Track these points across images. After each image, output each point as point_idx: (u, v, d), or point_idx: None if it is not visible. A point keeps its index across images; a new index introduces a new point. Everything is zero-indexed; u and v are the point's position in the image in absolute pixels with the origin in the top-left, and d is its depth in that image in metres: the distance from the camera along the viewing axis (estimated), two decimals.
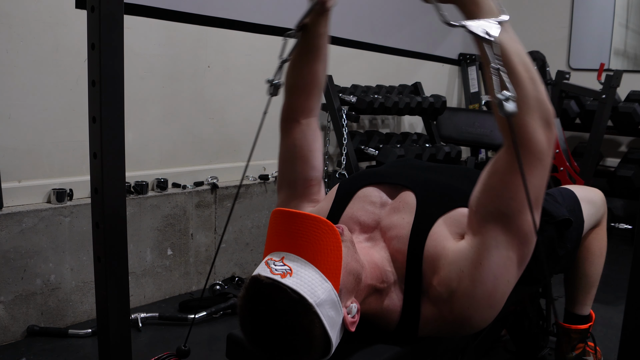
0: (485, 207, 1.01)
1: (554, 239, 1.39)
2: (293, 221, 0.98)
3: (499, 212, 0.99)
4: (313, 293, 0.92)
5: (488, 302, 1.02)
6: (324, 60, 1.32)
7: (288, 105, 1.34)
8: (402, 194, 1.18)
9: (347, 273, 0.99)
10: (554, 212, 1.39)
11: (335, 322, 0.96)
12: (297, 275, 0.93)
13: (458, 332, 1.08)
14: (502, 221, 0.99)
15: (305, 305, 0.92)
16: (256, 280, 0.95)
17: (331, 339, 0.95)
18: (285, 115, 1.34)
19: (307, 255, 0.96)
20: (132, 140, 2.25)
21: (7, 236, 1.88)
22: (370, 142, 3.08)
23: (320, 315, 0.93)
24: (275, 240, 1.01)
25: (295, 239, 0.97)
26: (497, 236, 0.99)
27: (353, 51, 3.28)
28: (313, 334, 0.93)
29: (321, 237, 0.96)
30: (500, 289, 1.02)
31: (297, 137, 1.31)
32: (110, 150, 1.09)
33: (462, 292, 1.01)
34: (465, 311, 1.02)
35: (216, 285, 2.45)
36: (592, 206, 1.55)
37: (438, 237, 1.07)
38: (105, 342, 1.14)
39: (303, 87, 1.33)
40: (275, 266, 0.95)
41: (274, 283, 0.93)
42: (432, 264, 1.05)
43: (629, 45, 4.17)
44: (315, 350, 0.95)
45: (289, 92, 1.33)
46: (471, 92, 4.14)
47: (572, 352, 1.68)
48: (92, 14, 1.04)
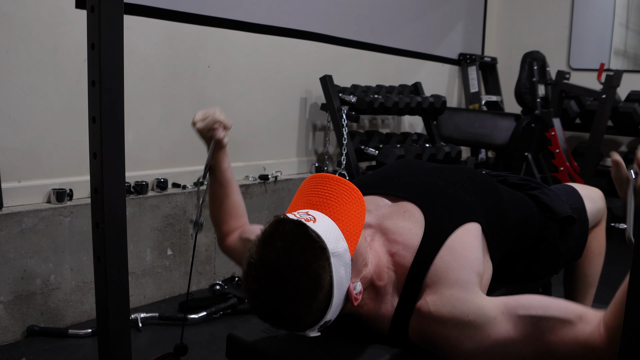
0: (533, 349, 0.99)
1: (556, 236, 1.39)
2: (324, 182, 1.03)
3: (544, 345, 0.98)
4: (331, 242, 0.94)
5: (469, 357, 1.02)
6: (236, 188, 1.43)
7: (221, 233, 1.44)
8: (406, 204, 1.18)
9: (359, 253, 1.00)
10: (557, 209, 1.39)
11: (342, 283, 0.95)
12: (320, 223, 0.95)
13: (437, 351, 1.08)
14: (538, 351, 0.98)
15: (322, 249, 0.93)
16: (279, 219, 0.96)
17: (333, 297, 0.94)
18: (224, 239, 1.44)
19: (331, 213, 0.99)
20: (132, 140, 2.25)
21: (7, 236, 1.88)
22: (370, 142, 3.08)
23: (332, 266, 0.93)
24: (302, 200, 1.04)
25: (322, 198, 1.01)
26: (524, 348, 0.98)
27: (353, 51, 3.29)
28: (320, 281, 0.92)
29: (347, 200, 1.00)
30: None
31: (238, 245, 1.39)
32: (110, 150, 1.08)
33: (454, 331, 1.01)
34: (445, 344, 1.03)
35: (216, 285, 2.45)
36: (593, 205, 1.56)
37: (449, 265, 1.06)
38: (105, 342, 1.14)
39: (228, 215, 1.43)
40: (300, 214, 0.98)
41: (298, 221, 0.94)
42: (434, 285, 1.05)
43: (629, 45, 4.17)
44: (316, 302, 0.93)
45: (217, 223, 1.44)
46: (471, 92, 4.15)
47: None
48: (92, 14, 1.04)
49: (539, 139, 3.48)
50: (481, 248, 1.12)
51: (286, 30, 2.87)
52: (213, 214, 1.44)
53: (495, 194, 1.31)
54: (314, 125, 3.10)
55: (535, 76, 3.57)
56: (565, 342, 0.96)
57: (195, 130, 1.36)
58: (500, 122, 3.53)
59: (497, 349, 1.00)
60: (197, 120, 1.35)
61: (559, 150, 3.38)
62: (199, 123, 1.34)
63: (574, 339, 0.95)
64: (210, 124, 1.34)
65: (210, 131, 1.34)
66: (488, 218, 1.19)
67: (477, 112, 3.85)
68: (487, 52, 4.59)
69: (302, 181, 1.06)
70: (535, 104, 3.53)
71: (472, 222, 1.14)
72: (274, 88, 2.87)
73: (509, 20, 4.62)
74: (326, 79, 2.89)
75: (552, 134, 3.39)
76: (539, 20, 4.40)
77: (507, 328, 0.99)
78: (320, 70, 2.99)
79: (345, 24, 3.23)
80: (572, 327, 0.96)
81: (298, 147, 3.04)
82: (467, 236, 1.11)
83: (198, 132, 1.36)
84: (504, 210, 1.28)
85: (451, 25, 4.17)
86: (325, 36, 3.09)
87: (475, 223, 1.14)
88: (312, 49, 3.02)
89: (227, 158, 1.40)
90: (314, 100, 3.07)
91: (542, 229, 1.39)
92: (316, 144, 3.14)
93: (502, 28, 4.65)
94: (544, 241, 1.39)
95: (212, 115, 1.34)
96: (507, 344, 0.99)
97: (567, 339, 0.95)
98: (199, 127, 1.35)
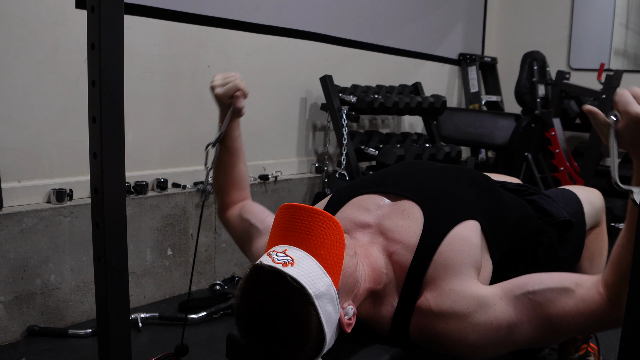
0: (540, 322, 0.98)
1: (554, 241, 1.39)
2: (298, 215, 0.99)
3: (549, 323, 0.98)
4: (313, 284, 0.92)
5: (474, 349, 1.02)
6: (243, 157, 1.40)
7: (222, 203, 1.42)
8: (405, 202, 1.17)
9: (347, 275, 0.99)
10: (554, 213, 1.39)
11: (331, 319, 0.95)
12: (298, 266, 0.93)
13: (442, 350, 1.07)
14: (544, 327, 0.98)
15: (304, 295, 0.91)
16: (257, 268, 0.94)
17: (326, 335, 0.94)
18: (224, 210, 1.42)
19: (309, 248, 0.96)
20: (132, 140, 2.25)
21: (7, 236, 1.88)
22: (370, 142, 3.08)
23: (318, 308, 0.92)
24: (279, 234, 1.01)
25: (298, 233, 0.98)
26: (529, 326, 0.98)
27: (353, 51, 3.29)
28: (309, 326, 0.92)
29: (324, 232, 0.97)
30: (492, 349, 1.02)
31: (238, 225, 1.37)
32: (110, 150, 1.08)
33: (456, 326, 1.01)
34: (448, 341, 1.02)
35: (216, 285, 2.45)
36: (592, 208, 1.56)
37: (448, 261, 1.06)
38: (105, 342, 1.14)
39: (232, 185, 1.40)
40: (278, 256, 0.95)
41: (275, 270, 0.92)
42: (434, 282, 1.05)
43: (629, 45, 4.17)
44: (309, 345, 0.94)
45: (220, 192, 1.41)
46: (471, 92, 4.14)
47: (576, 353, 1.68)
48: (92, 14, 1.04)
49: (539, 139, 3.48)
50: (480, 245, 1.12)
51: (286, 30, 2.87)
52: (217, 183, 1.40)
53: (495, 195, 1.30)
54: (314, 125, 3.10)
55: (535, 76, 3.57)
56: (567, 311, 0.95)
57: (214, 95, 1.28)
58: (500, 122, 3.53)
59: (502, 336, 0.99)
60: (216, 84, 1.27)
61: (559, 150, 3.38)
62: (219, 88, 1.27)
63: (574, 306, 0.95)
64: (231, 91, 1.27)
65: (230, 98, 1.28)
66: (488, 217, 1.19)
67: (477, 112, 3.85)
68: (487, 52, 4.59)
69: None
70: (535, 104, 3.53)
71: (471, 219, 1.13)
72: (274, 88, 2.87)
73: (509, 20, 4.62)
74: (326, 79, 2.89)
75: (552, 134, 3.40)
76: (539, 20, 4.39)
77: (508, 312, 0.98)
78: (320, 70, 2.99)
79: (345, 24, 3.23)
80: (571, 294, 0.95)
81: (298, 147, 3.04)
82: (466, 232, 1.10)
83: (216, 98, 1.29)
84: (504, 210, 1.28)
85: (451, 25, 4.17)
86: (325, 36, 3.09)
87: (474, 221, 1.14)
88: (312, 49, 3.02)
89: (239, 127, 1.34)
90: (314, 100, 3.07)
91: (540, 232, 1.38)
92: (316, 144, 3.14)
93: (502, 28, 4.65)
94: (542, 245, 1.38)
95: (234, 82, 1.27)
96: (512, 328, 0.98)
97: (568, 307, 0.94)
98: (219, 93, 1.27)
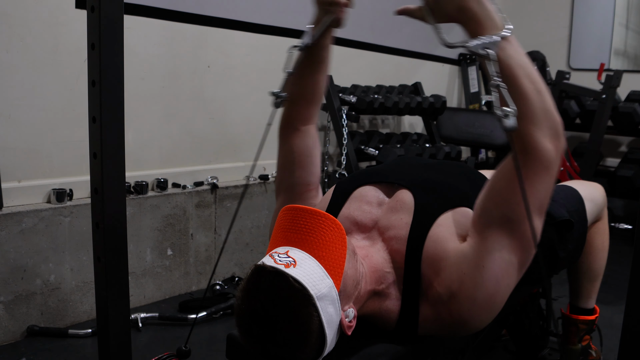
0: (491, 211, 1.01)
1: (554, 240, 1.39)
2: (300, 217, 0.99)
3: (504, 216, 0.99)
4: (314, 285, 0.92)
5: (488, 305, 1.02)
6: (326, 70, 1.33)
7: (289, 114, 1.34)
8: (400, 193, 1.17)
9: (348, 277, 0.99)
10: (554, 213, 1.38)
11: (332, 321, 0.95)
12: (300, 267, 0.93)
13: (456, 333, 1.08)
14: (506, 226, 0.99)
15: (305, 296, 0.91)
16: (259, 268, 0.94)
17: (327, 337, 0.94)
18: (286, 122, 1.35)
19: (311, 250, 0.96)
20: (132, 140, 2.25)
21: (7, 236, 1.88)
22: (370, 142, 3.08)
23: (319, 309, 0.92)
24: (281, 235, 1.01)
25: (300, 234, 0.98)
26: (500, 240, 1.00)
27: (353, 51, 3.28)
28: (310, 327, 0.92)
29: (326, 234, 0.97)
30: (501, 292, 1.02)
31: (296, 143, 1.32)
32: (110, 150, 1.09)
33: (462, 294, 1.01)
34: (464, 313, 1.02)
35: (216, 285, 2.45)
36: (594, 205, 1.56)
37: (437, 238, 1.07)
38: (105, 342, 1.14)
39: (305, 96, 1.33)
40: (280, 257, 0.95)
41: (277, 271, 0.92)
42: (431, 265, 1.05)
43: (629, 45, 4.17)
44: (309, 346, 0.94)
45: (291, 101, 1.33)
46: (471, 92, 4.14)
47: (579, 344, 1.68)
48: (92, 14, 1.04)
49: None
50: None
51: (286, 30, 2.86)
52: (293, 88, 1.33)
53: None
54: None
55: None
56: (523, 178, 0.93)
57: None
58: None
59: (503, 270, 1.00)
60: None
61: None
62: None
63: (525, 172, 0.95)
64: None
65: (333, 5, 1.23)
66: None
67: (477, 112, 3.85)
68: None
69: None
70: None
71: (463, 207, 1.13)
72: (274, 88, 2.86)
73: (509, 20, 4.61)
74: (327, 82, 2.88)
75: None
76: (539, 20, 4.39)
77: (492, 244, 1.00)
78: None
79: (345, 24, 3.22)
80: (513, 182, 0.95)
81: None
82: (456, 216, 1.11)
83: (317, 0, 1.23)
84: None
85: (451, 25, 4.16)
86: None
87: (466, 208, 1.13)
88: None
89: (331, 37, 1.29)
90: None
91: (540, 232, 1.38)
92: None
93: None
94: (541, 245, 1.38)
95: None
96: (507, 251, 1.00)
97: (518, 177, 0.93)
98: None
